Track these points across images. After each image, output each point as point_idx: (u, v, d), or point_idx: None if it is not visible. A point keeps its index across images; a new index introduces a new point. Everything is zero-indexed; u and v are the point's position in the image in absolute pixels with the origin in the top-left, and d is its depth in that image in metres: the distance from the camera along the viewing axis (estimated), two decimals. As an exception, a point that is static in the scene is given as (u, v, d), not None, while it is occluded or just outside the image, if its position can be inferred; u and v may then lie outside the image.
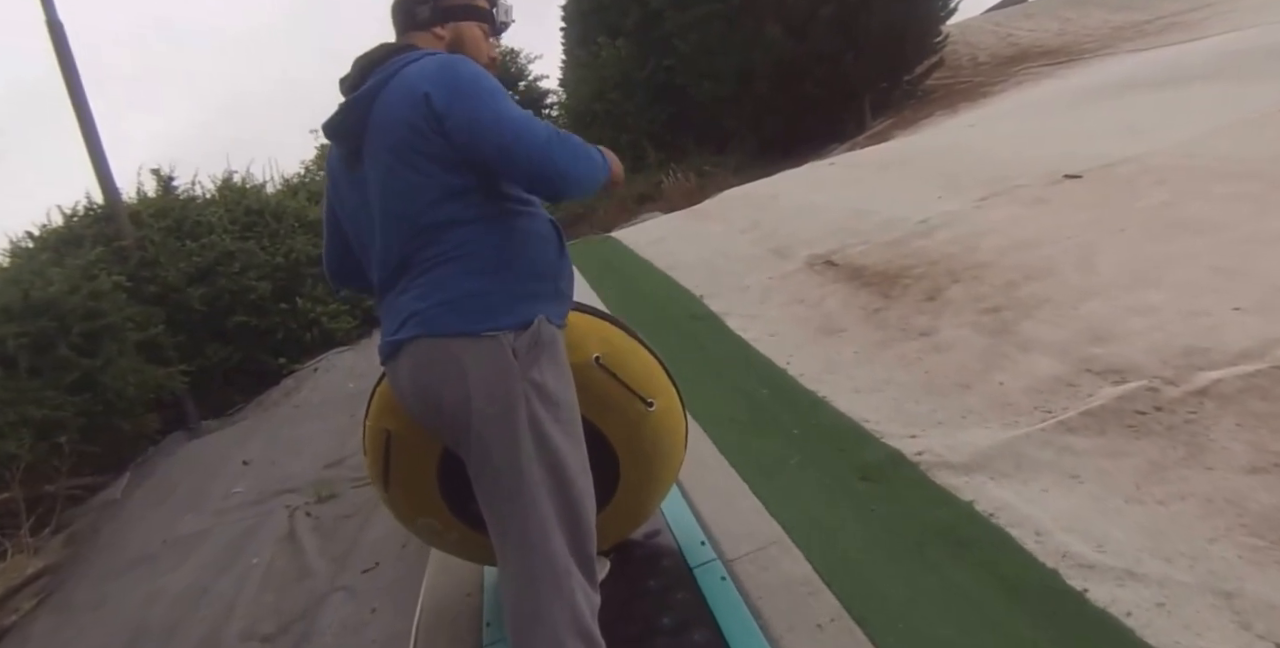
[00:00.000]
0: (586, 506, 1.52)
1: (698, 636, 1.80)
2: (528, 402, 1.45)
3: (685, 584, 1.98)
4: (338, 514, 3.49)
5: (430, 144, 1.43)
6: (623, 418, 1.83)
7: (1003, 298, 3.39)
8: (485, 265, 1.48)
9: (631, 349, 1.87)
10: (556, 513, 1.47)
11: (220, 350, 6.94)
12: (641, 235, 7.03)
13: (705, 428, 2.86)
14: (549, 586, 1.44)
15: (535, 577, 1.45)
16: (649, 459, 1.93)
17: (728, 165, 13.44)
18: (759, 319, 3.99)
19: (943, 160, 6.36)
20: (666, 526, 2.26)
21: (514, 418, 1.44)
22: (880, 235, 4.76)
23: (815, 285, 4.25)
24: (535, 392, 1.47)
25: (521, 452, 1.44)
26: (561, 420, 1.50)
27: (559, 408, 1.51)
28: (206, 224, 7.20)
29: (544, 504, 1.46)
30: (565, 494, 1.48)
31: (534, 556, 1.45)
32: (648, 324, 4.30)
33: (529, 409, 1.45)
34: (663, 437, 1.93)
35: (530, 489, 1.45)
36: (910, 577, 1.88)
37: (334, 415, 5.04)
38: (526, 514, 1.45)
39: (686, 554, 2.11)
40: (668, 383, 1.95)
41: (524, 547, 1.45)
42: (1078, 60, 12.68)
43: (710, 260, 5.36)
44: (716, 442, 2.72)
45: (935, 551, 1.93)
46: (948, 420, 2.53)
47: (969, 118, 10.39)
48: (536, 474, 1.45)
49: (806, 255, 4.79)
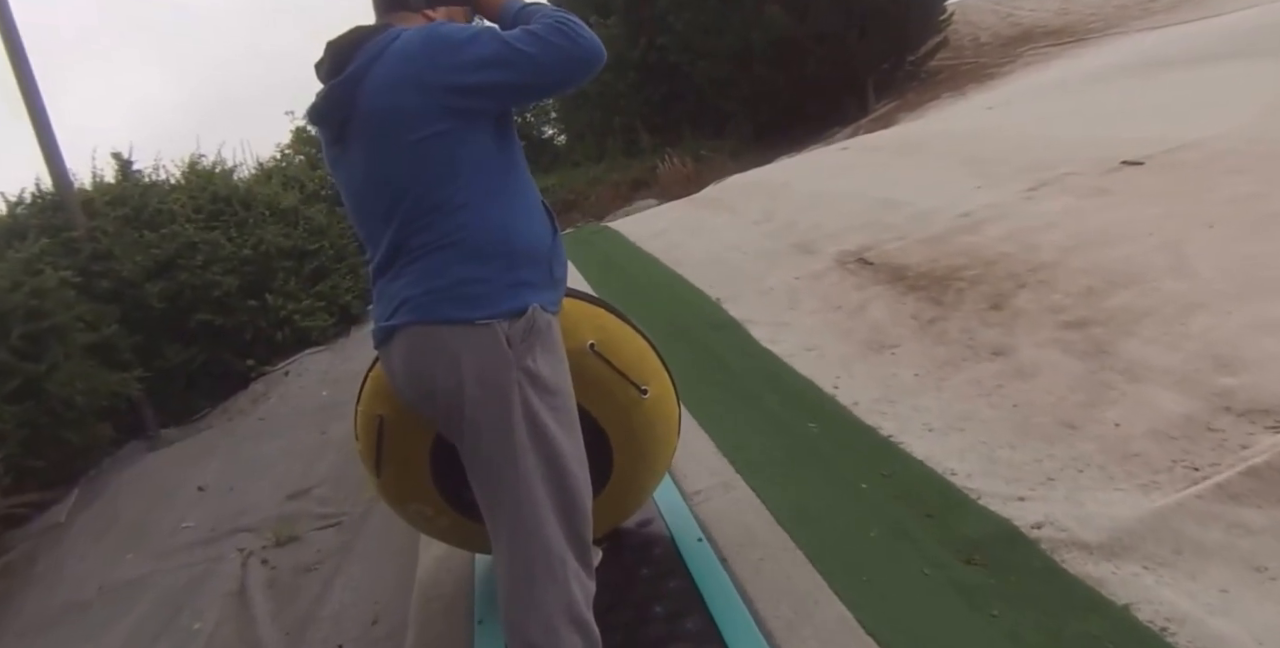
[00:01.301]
0: (582, 493, 1.52)
1: (690, 624, 1.79)
2: (522, 390, 1.45)
3: (677, 572, 1.95)
4: (298, 565, 2.96)
5: (424, 125, 1.41)
6: (616, 405, 1.82)
7: (1086, 308, 2.87)
8: (478, 252, 1.45)
9: (625, 335, 1.87)
10: (551, 500, 1.46)
11: (182, 352, 6.33)
12: (641, 226, 6.46)
13: (744, 475, 2.33)
14: (544, 573, 1.44)
15: (530, 564, 1.44)
16: (643, 446, 1.93)
17: (724, 150, 12.89)
18: (790, 329, 3.45)
19: (970, 145, 5.82)
20: (658, 513, 2.22)
21: (508, 406, 1.44)
22: (917, 230, 4.23)
23: (851, 288, 3.72)
24: (529, 380, 1.46)
25: (516, 440, 1.44)
26: (556, 408, 1.50)
27: (554, 396, 1.50)
28: (168, 212, 6.56)
29: (539, 492, 1.45)
30: (560, 482, 1.48)
31: (529, 543, 1.45)
32: (658, 334, 3.77)
33: (523, 397, 1.45)
34: (656, 423, 1.93)
35: (525, 477, 1.44)
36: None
37: (303, 432, 4.49)
38: (521, 502, 1.45)
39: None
40: (661, 369, 1.94)
41: (519, 534, 1.45)
42: (1085, 40, 12.32)
43: (723, 256, 4.81)
44: (763, 497, 2.18)
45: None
46: (1061, 476, 2.01)
47: (981, 100, 9.91)
48: (531, 462, 1.45)
49: (835, 252, 4.26)
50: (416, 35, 1.43)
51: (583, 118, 14.66)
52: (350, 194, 1.57)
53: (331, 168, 1.61)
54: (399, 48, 1.42)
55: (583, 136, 14.90)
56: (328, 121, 1.53)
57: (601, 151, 14.18)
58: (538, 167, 15.15)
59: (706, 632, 1.74)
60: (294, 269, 6.95)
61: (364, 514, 3.17)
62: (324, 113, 1.52)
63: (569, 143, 15.85)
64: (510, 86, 1.45)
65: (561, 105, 15.50)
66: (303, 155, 12.22)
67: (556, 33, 1.40)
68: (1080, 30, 12.97)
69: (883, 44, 12.06)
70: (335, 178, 1.61)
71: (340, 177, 1.58)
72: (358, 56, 1.45)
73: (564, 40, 1.40)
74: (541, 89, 1.56)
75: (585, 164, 14.11)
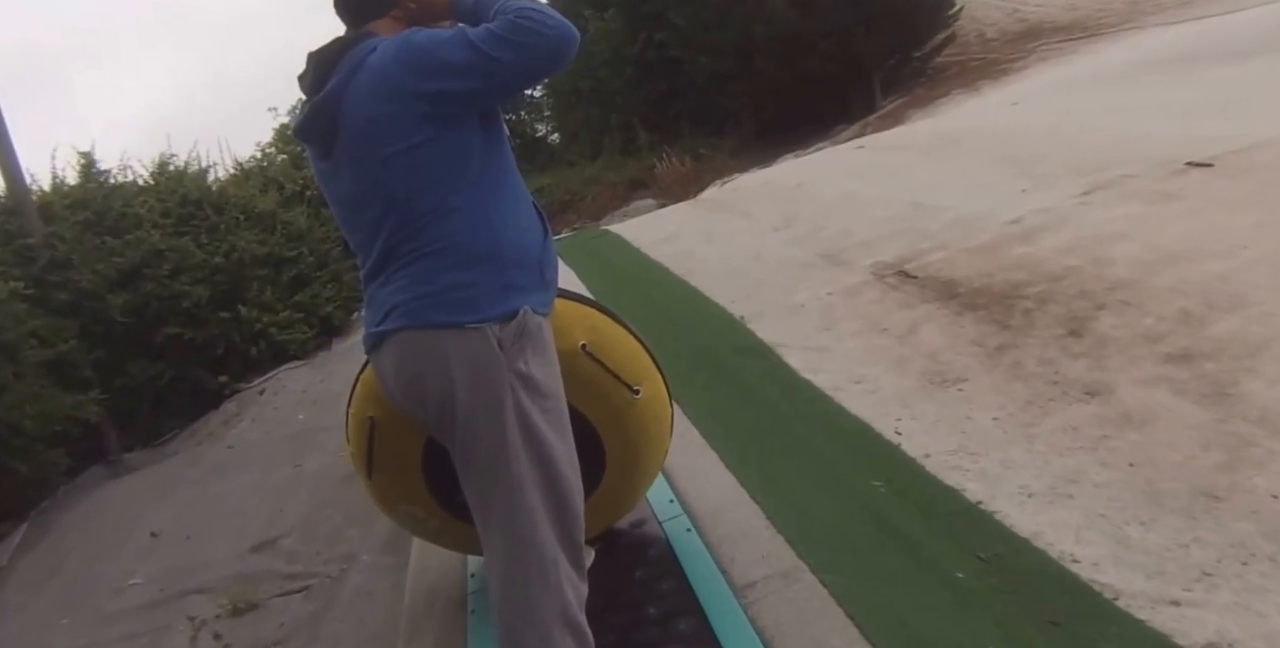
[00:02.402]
0: (574, 495, 1.51)
1: (683, 625, 1.76)
2: (514, 393, 1.44)
3: (671, 573, 1.93)
4: (256, 642, 2.48)
5: (407, 134, 1.41)
6: (609, 405, 1.81)
7: (1188, 337, 2.43)
8: (468, 257, 1.45)
9: (617, 336, 1.85)
10: (544, 503, 1.45)
11: (148, 368, 5.82)
12: (646, 231, 5.99)
13: (807, 559, 1.86)
14: (536, 576, 1.43)
15: (523, 567, 1.44)
16: (635, 447, 1.91)
17: (724, 148, 12.47)
18: (830, 356, 3.00)
19: (1004, 142, 5.37)
20: (652, 514, 2.20)
21: (500, 410, 1.44)
22: (961, 238, 3.78)
23: (895, 306, 3.27)
24: (521, 383, 1.46)
25: (509, 443, 1.44)
26: (548, 411, 1.49)
27: (546, 399, 1.50)
28: (133, 217, 6.04)
29: (531, 495, 1.45)
30: (553, 485, 1.47)
31: (521, 546, 1.44)
32: (677, 359, 3.32)
33: (515, 401, 1.44)
34: (649, 424, 1.92)
35: (517, 480, 1.44)
36: None
37: (274, 464, 4.01)
38: (514, 505, 1.44)
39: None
40: (653, 369, 1.93)
41: (511, 537, 1.45)
42: (1100, 35, 12.01)
43: (742, 267, 4.35)
44: (837, 596, 1.71)
45: None
46: (1220, 570, 1.56)
47: (999, 96, 9.53)
48: (524, 465, 1.44)
49: (870, 263, 3.80)
50: (391, 46, 1.42)
51: (578, 116, 14.20)
52: (340, 206, 1.56)
53: (321, 181, 1.59)
54: (375, 60, 1.42)
55: (577, 135, 14.45)
56: (314, 138, 1.53)
57: (597, 150, 13.73)
58: (531, 166, 14.70)
59: (700, 633, 1.71)
60: (270, 278, 6.44)
61: (338, 577, 2.71)
62: (310, 130, 1.52)
63: (563, 141, 15.40)
64: (485, 92, 1.44)
65: (556, 103, 15.07)
66: (285, 154, 11.67)
67: (520, 31, 1.36)
68: (1092, 26, 12.74)
69: (890, 39, 11.64)
70: (325, 191, 1.60)
71: (330, 190, 1.57)
72: (339, 69, 1.45)
73: (529, 37, 1.37)
74: (518, 86, 1.52)
75: (581, 163, 13.66)
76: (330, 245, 7.21)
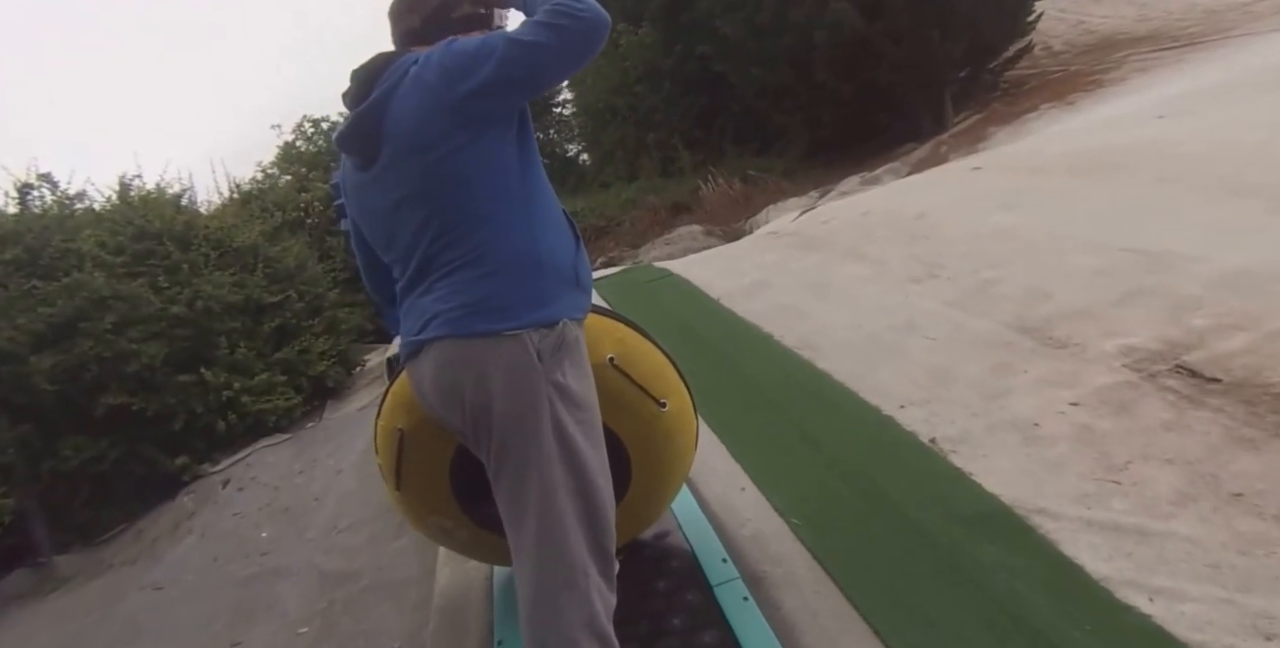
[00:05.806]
0: (606, 506, 1.49)
1: (707, 637, 1.73)
2: (551, 404, 1.43)
3: (696, 585, 1.92)
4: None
5: (446, 141, 1.41)
6: (635, 418, 1.80)
7: None
8: (507, 265, 1.45)
9: (644, 349, 1.85)
10: (576, 513, 1.44)
11: (86, 447, 4.55)
12: (720, 274, 4.66)
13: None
14: (566, 585, 1.42)
15: (553, 576, 1.42)
16: (661, 459, 1.90)
17: (775, 169, 11.20)
18: (1150, 544, 1.64)
19: (1212, 164, 3.99)
20: (677, 526, 2.17)
21: (538, 419, 1.42)
22: (1255, 308, 2.43)
23: (1198, 431, 1.92)
24: (559, 394, 1.45)
25: (544, 453, 1.43)
26: (583, 422, 1.48)
27: (581, 410, 1.48)
28: (74, 254, 4.82)
29: (564, 505, 1.43)
30: (586, 495, 1.45)
31: (552, 555, 1.43)
32: (852, 534, 2.02)
33: (553, 411, 1.43)
34: (675, 437, 1.90)
35: (551, 490, 1.42)
36: None
37: (203, 637, 2.69)
38: (547, 514, 1.43)
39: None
40: (679, 383, 1.91)
41: (542, 547, 1.43)
42: (1197, 44, 10.86)
43: (892, 342, 3.00)
44: None
45: None
46: None
47: (1107, 109, 8.27)
48: (558, 475, 1.43)
49: (1116, 347, 2.45)
50: (434, 53, 1.44)
51: (612, 134, 12.97)
52: (375, 216, 1.56)
53: (353, 194, 1.60)
54: (418, 71, 1.44)
55: (612, 155, 13.21)
56: (356, 147, 1.53)
57: (634, 171, 12.50)
58: (562, 189, 13.37)
59: (725, 645, 1.69)
60: (246, 330, 5.14)
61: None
62: (351, 139, 1.53)
63: (596, 162, 14.15)
64: (524, 80, 1.43)
65: (587, 121, 13.86)
66: (289, 175, 10.45)
67: (556, 14, 1.38)
68: (1180, 35, 11.67)
69: (965, 47, 10.33)
70: (359, 202, 1.60)
71: (364, 201, 1.58)
72: (381, 82, 1.48)
73: (564, 19, 1.38)
74: (555, 71, 1.50)
75: (616, 185, 12.41)
76: (326, 288, 5.93)
